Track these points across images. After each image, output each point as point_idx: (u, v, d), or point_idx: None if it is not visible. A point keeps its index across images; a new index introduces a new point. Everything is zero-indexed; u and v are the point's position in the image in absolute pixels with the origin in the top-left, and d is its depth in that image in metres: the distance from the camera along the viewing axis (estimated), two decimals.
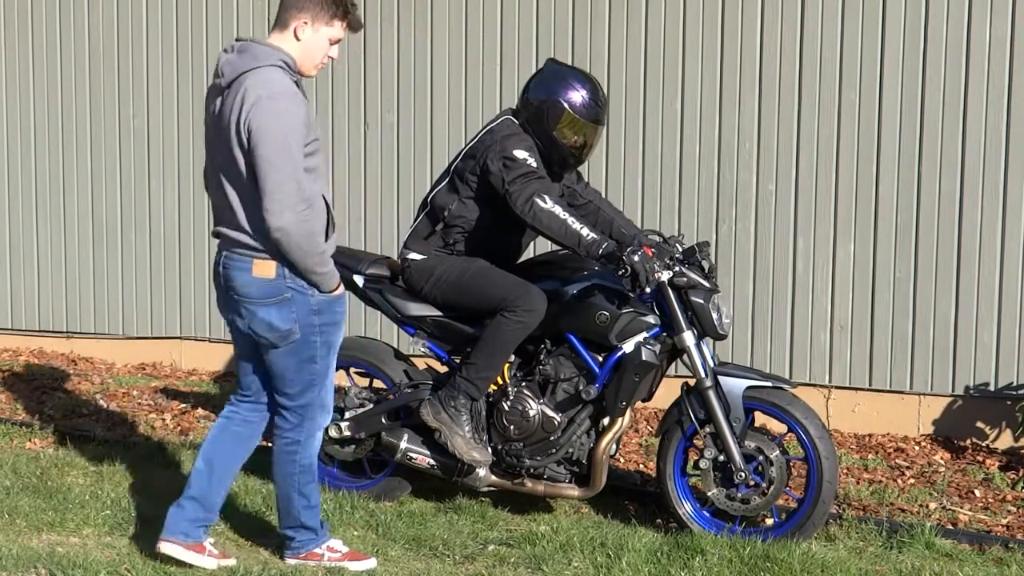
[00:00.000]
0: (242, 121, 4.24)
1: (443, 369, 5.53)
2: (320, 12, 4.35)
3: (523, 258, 5.55)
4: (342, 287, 4.55)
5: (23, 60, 8.26)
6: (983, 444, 6.43)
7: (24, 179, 8.32)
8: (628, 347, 5.09)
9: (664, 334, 5.11)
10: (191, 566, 4.61)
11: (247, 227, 4.36)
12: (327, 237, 4.42)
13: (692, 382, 5.11)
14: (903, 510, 5.55)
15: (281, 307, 4.41)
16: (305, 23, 4.35)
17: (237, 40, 4.46)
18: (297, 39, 4.37)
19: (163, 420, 6.82)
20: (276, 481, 4.70)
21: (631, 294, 5.06)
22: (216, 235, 4.52)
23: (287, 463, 4.61)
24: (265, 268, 4.38)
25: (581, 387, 5.16)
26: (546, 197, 4.98)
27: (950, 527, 5.32)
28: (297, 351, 4.47)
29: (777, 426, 5.39)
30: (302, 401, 4.55)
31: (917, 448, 6.41)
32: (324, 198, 4.41)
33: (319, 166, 4.41)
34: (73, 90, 8.14)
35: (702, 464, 5.06)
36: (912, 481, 5.95)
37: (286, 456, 4.61)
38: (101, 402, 7.16)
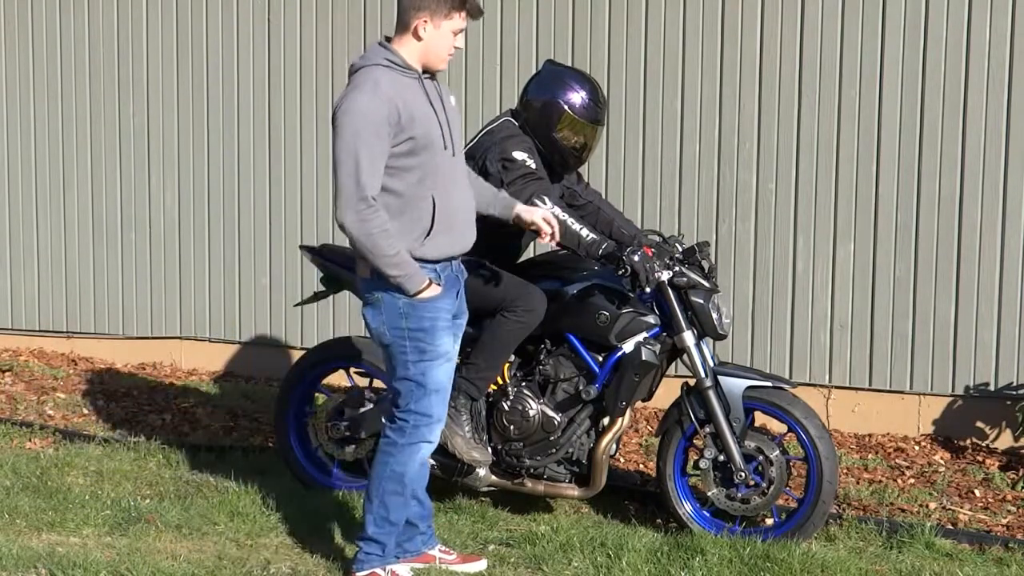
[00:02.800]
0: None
1: None
2: (438, 8, 4.34)
3: (523, 258, 5.55)
4: (433, 290, 4.37)
5: (23, 59, 8.25)
6: (983, 444, 6.43)
7: (24, 178, 8.32)
8: (628, 347, 5.08)
9: (664, 334, 5.11)
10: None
11: None
12: (428, 236, 4.36)
13: (692, 382, 5.11)
14: (903, 510, 5.55)
15: (374, 307, 4.43)
16: (425, 21, 4.34)
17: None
18: (419, 39, 4.36)
19: (163, 420, 6.82)
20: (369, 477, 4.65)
21: (631, 294, 5.06)
22: None
23: (381, 462, 4.53)
24: (362, 268, 4.44)
25: (581, 387, 5.16)
26: (545, 199, 4.97)
27: (950, 527, 5.32)
28: (392, 355, 4.47)
29: (777, 426, 5.38)
30: (402, 404, 4.48)
31: (917, 448, 6.40)
32: (433, 198, 4.35)
33: (424, 164, 4.34)
34: (73, 89, 8.13)
35: (702, 464, 5.06)
36: (912, 481, 5.95)
37: (382, 454, 4.53)
38: (101, 402, 7.16)
